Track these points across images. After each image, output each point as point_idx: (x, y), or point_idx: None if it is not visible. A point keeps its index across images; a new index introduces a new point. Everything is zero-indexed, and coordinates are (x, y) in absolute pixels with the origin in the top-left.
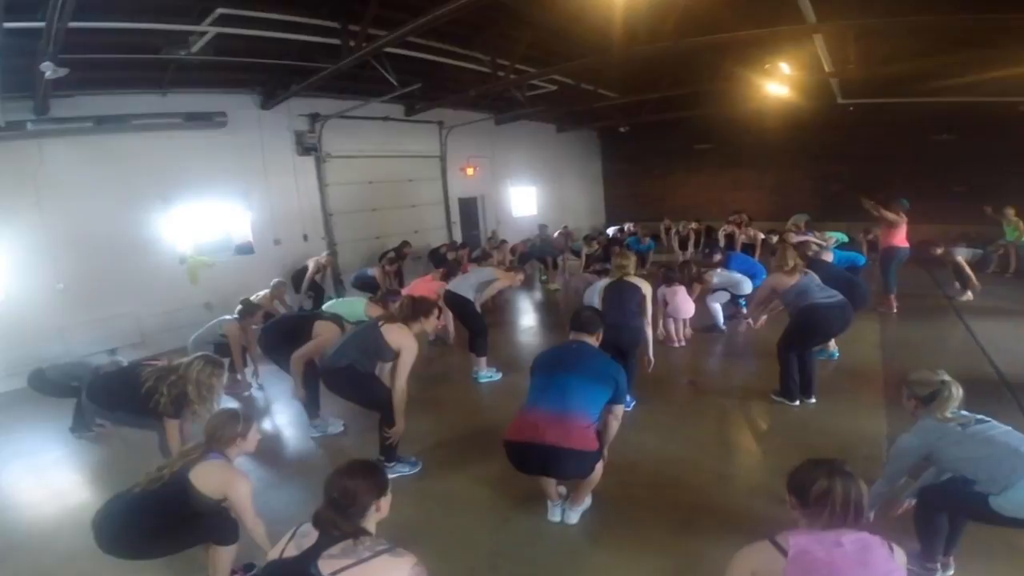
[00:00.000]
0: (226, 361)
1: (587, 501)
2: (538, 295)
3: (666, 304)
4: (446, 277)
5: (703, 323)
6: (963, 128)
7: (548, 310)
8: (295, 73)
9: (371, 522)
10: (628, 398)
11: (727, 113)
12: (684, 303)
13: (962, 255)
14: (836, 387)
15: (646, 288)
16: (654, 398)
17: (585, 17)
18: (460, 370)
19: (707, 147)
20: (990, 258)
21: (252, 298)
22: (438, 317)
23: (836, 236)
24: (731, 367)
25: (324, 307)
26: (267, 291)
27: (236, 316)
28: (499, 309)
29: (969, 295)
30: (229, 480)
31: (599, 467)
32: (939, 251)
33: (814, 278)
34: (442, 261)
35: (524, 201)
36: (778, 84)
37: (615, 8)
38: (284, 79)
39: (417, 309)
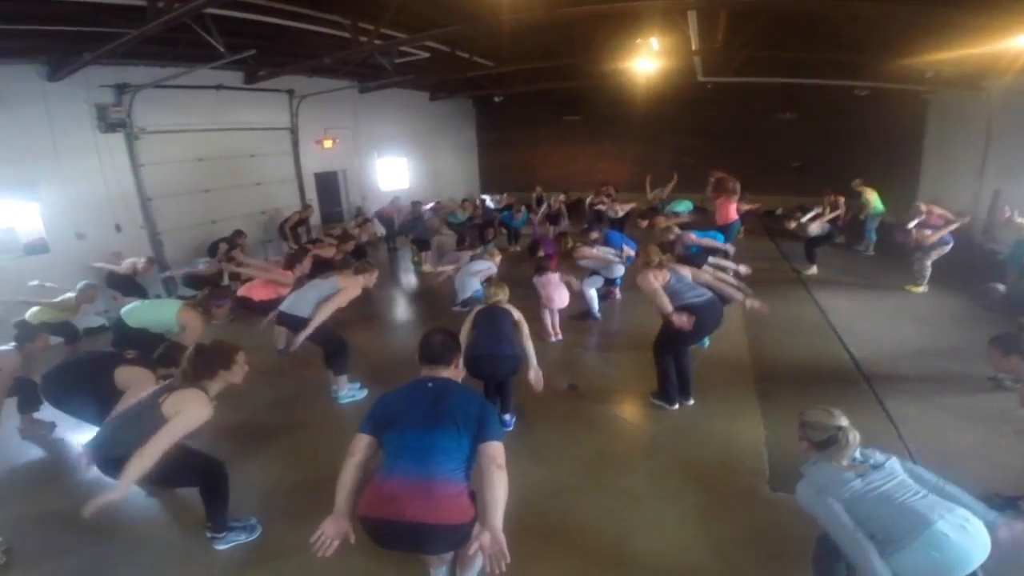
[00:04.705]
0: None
1: (478, 562)
2: (410, 279)
3: (540, 295)
4: (291, 265)
5: (580, 308)
6: (804, 107)
7: (422, 299)
8: (92, 39)
9: None
10: (508, 417)
11: (595, 85)
12: (558, 292)
13: (814, 231)
14: (710, 382)
15: (517, 313)
16: (535, 410)
17: None
18: (316, 387)
19: (575, 119)
20: (835, 232)
21: (35, 312)
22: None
23: (682, 208)
24: (608, 363)
25: (123, 311)
26: (67, 295)
27: (13, 344)
28: (359, 303)
29: (814, 269)
30: None
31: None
32: (792, 225)
33: (682, 277)
34: (293, 237)
35: (394, 173)
36: (647, 59)
37: None
38: (77, 47)
39: (212, 360)
